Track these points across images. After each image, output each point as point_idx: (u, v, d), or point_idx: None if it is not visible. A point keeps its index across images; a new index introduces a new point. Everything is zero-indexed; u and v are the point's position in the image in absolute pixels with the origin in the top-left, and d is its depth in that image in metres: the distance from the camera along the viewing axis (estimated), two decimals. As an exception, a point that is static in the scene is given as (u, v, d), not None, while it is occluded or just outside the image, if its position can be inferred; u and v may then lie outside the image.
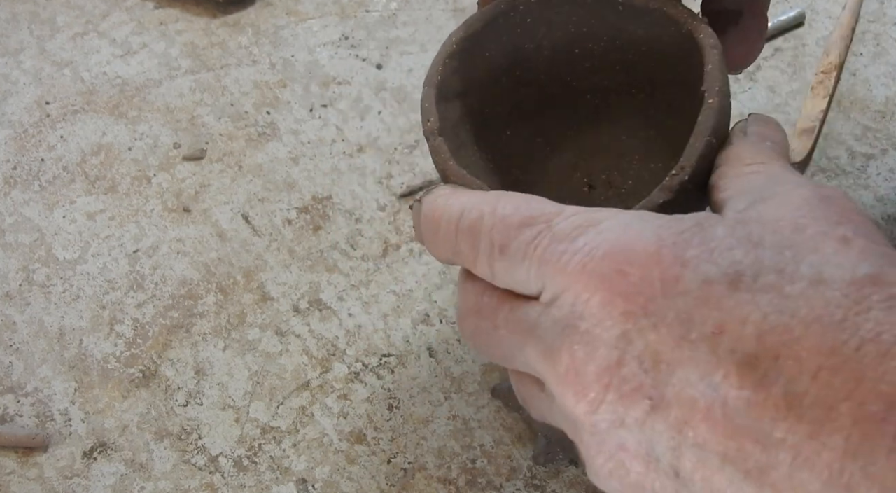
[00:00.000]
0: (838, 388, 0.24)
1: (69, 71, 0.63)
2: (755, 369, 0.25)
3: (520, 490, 0.46)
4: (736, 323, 0.26)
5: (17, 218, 0.57)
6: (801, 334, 0.25)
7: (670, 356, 0.27)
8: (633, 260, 0.28)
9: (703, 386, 0.26)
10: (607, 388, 0.28)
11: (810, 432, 0.24)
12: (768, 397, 0.25)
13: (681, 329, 0.27)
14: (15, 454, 0.48)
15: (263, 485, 0.47)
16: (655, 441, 0.27)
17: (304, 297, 0.53)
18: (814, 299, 0.25)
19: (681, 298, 0.27)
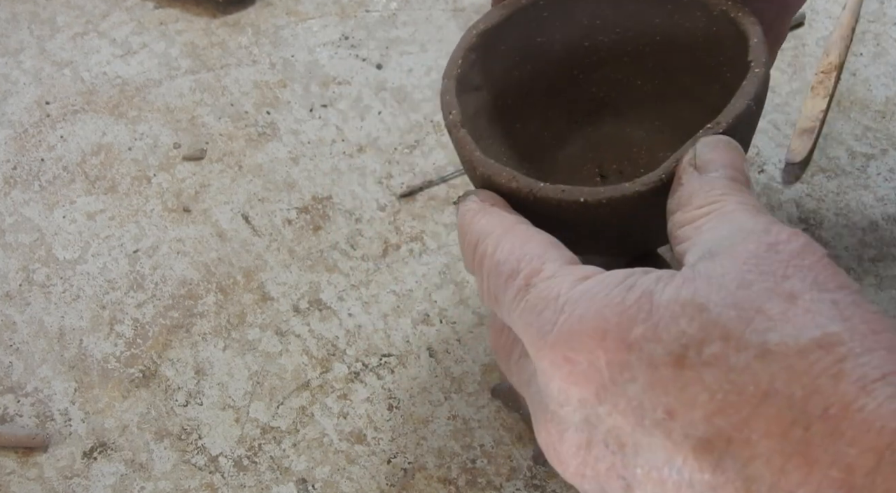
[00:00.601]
0: (792, 473, 0.24)
1: (69, 71, 0.63)
2: (711, 453, 0.25)
3: (520, 490, 0.46)
4: (685, 407, 0.26)
5: (17, 218, 0.57)
6: (749, 414, 0.25)
7: (632, 440, 0.27)
8: (578, 347, 0.28)
9: (668, 469, 0.26)
10: (584, 465, 0.29)
11: None
12: (727, 481, 0.25)
13: (634, 416, 0.27)
14: (15, 454, 0.48)
15: (263, 485, 0.47)
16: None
17: (304, 297, 0.53)
18: (760, 374, 0.25)
19: (629, 384, 0.27)
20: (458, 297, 0.52)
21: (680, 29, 0.39)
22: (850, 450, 0.24)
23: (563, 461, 0.29)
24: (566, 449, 0.29)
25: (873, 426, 0.24)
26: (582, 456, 0.29)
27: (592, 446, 0.28)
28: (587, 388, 0.28)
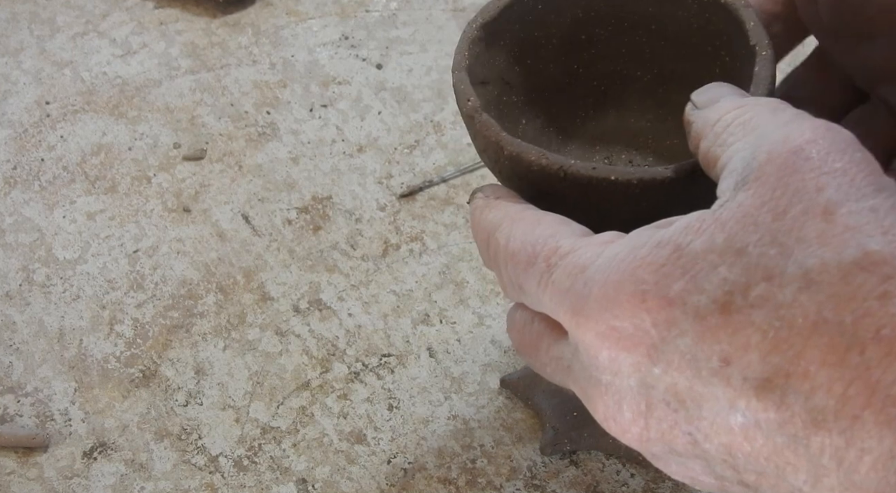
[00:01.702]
0: (855, 398, 0.24)
1: (69, 71, 0.63)
2: (772, 391, 0.25)
3: (520, 490, 0.46)
4: (739, 351, 0.26)
5: (17, 218, 0.57)
6: (803, 346, 0.25)
7: (691, 394, 0.27)
8: (620, 314, 0.28)
9: (733, 415, 0.26)
10: (647, 429, 0.28)
11: (846, 441, 0.24)
12: (793, 415, 0.25)
13: (690, 369, 0.27)
14: (15, 454, 0.48)
15: (263, 485, 0.47)
16: (711, 461, 0.28)
17: (304, 297, 0.53)
18: (807, 306, 0.25)
19: (680, 339, 0.27)
20: (458, 297, 0.52)
21: (673, 18, 0.40)
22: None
23: (626, 429, 0.29)
24: (627, 417, 0.28)
25: None
26: (644, 420, 0.28)
27: (653, 408, 0.28)
28: (638, 351, 0.27)
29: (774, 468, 0.26)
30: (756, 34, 0.36)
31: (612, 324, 0.28)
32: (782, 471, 0.26)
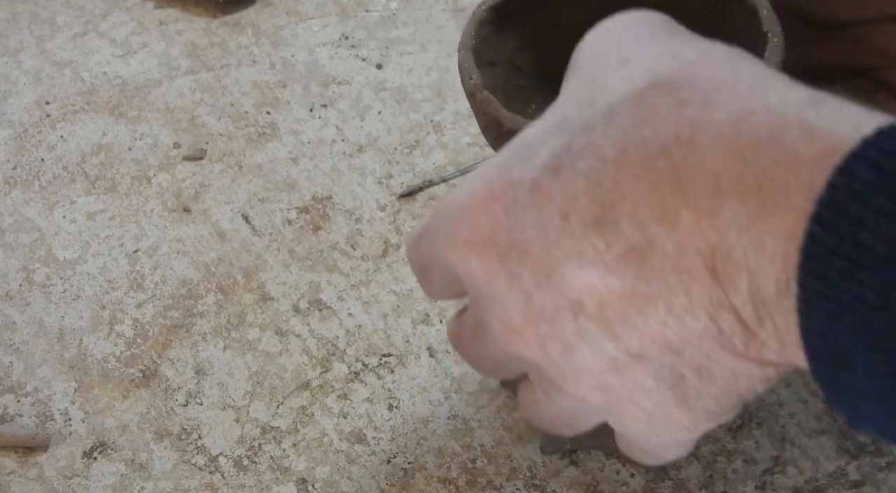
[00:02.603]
0: (671, 200, 0.26)
1: (69, 71, 0.63)
2: (605, 226, 0.27)
3: (520, 490, 0.46)
4: (571, 201, 0.27)
5: (17, 218, 0.57)
6: (617, 172, 0.26)
7: (551, 264, 0.28)
8: (475, 215, 0.29)
9: (587, 267, 0.27)
10: (537, 326, 0.29)
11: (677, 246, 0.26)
12: (630, 240, 0.26)
13: (541, 238, 0.28)
14: (15, 454, 0.48)
15: (263, 485, 0.47)
16: (600, 341, 0.29)
17: (304, 297, 0.53)
18: (613, 135, 0.27)
19: (525, 214, 0.28)
20: (458, 297, 0.52)
21: (686, 5, 0.40)
22: (712, 161, 0.25)
23: (525, 335, 0.30)
24: (518, 321, 0.29)
25: (725, 131, 0.25)
26: (531, 317, 0.29)
27: (531, 299, 0.29)
28: (498, 243, 0.29)
29: (638, 312, 0.27)
30: (769, 21, 0.37)
31: (472, 227, 0.29)
32: (643, 312, 0.27)
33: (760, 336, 0.26)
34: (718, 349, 0.27)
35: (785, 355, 0.26)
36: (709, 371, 0.28)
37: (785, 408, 0.47)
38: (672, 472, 0.46)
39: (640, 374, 0.29)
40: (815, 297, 0.23)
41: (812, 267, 0.23)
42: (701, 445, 0.47)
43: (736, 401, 0.29)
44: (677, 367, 0.28)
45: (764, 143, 0.24)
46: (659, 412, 0.30)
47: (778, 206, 0.24)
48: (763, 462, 0.46)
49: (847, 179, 0.23)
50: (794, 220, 0.24)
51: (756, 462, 0.46)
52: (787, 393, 0.48)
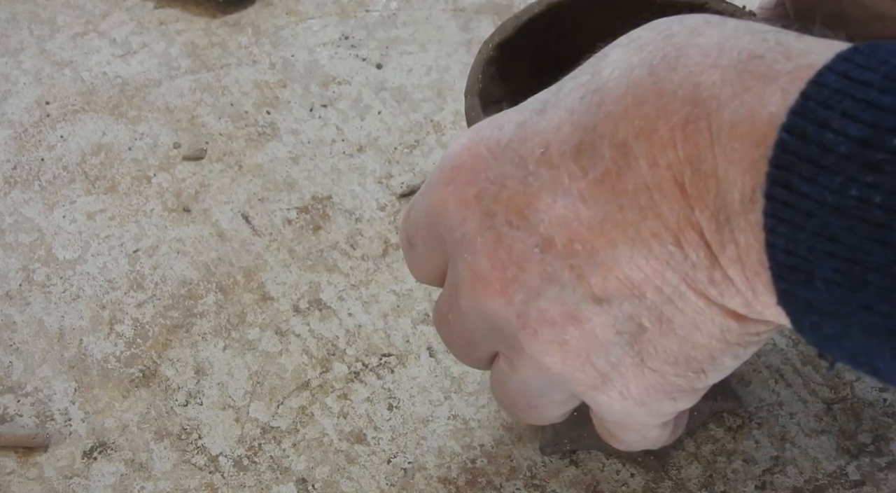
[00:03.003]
0: (647, 117, 0.27)
1: (69, 71, 0.63)
2: (585, 151, 0.28)
3: (520, 490, 0.46)
4: (553, 131, 0.28)
5: (17, 218, 0.57)
6: (602, 98, 0.28)
7: (526, 198, 0.29)
8: (460, 156, 0.30)
9: (562, 196, 0.28)
10: (504, 271, 0.29)
11: (649, 165, 0.27)
12: (605, 161, 0.27)
13: (520, 171, 0.29)
14: (15, 454, 0.48)
15: (263, 485, 0.47)
16: (564, 285, 0.29)
17: (304, 297, 0.53)
18: (601, 70, 0.28)
19: (507, 150, 0.29)
20: (458, 297, 0.52)
21: None
22: (693, 75, 0.26)
23: (489, 281, 0.30)
24: (485, 266, 0.30)
25: (709, 51, 0.26)
26: (498, 261, 0.29)
27: (501, 239, 0.29)
28: (477, 178, 0.30)
29: (606, 244, 0.27)
30: None
31: (455, 167, 0.30)
32: (611, 243, 0.27)
33: (722, 263, 0.26)
34: (682, 286, 0.27)
35: (746, 296, 0.26)
36: (669, 320, 0.28)
37: (785, 408, 0.47)
38: (672, 472, 0.46)
39: (600, 324, 0.29)
40: (780, 207, 0.24)
41: (779, 175, 0.24)
42: (701, 445, 0.47)
43: (694, 368, 0.29)
44: (638, 315, 0.28)
45: (744, 58, 0.25)
46: (614, 376, 0.30)
47: (752, 114, 0.25)
48: (763, 462, 0.46)
49: (818, 88, 0.24)
50: (766, 128, 0.24)
51: (756, 462, 0.46)
52: (787, 393, 0.48)
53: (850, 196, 0.23)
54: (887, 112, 0.23)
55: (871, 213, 0.23)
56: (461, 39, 0.63)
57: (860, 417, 0.47)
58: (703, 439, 0.47)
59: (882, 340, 0.24)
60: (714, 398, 0.46)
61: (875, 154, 0.22)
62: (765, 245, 0.25)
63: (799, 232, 0.24)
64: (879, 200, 0.22)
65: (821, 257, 0.23)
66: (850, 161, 0.23)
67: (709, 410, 0.46)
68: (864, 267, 0.23)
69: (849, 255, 0.23)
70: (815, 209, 0.23)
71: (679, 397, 0.31)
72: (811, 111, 0.24)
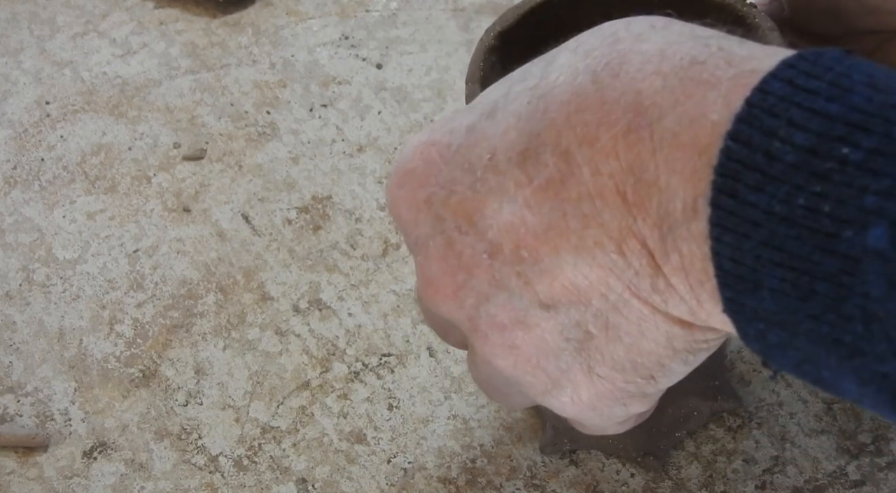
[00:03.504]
0: (590, 125, 0.26)
1: (69, 71, 0.63)
2: (529, 158, 0.28)
3: (520, 490, 0.46)
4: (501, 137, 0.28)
5: (17, 218, 0.57)
6: (547, 104, 0.28)
7: (474, 204, 0.29)
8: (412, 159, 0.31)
9: (508, 204, 0.28)
10: (454, 276, 0.30)
11: (592, 171, 0.27)
12: (549, 168, 0.27)
13: (468, 176, 0.29)
14: (15, 454, 0.48)
15: (263, 485, 0.47)
16: (512, 290, 0.29)
17: (304, 297, 0.53)
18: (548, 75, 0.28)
19: (457, 155, 0.29)
20: (458, 297, 0.52)
21: None
22: (634, 82, 0.26)
23: (440, 287, 0.30)
24: (436, 271, 0.30)
25: (651, 58, 0.26)
26: (447, 264, 0.30)
27: (451, 244, 0.29)
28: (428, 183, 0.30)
29: (551, 251, 0.27)
30: (772, 40, 0.36)
31: (407, 171, 0.30)
32: (556, 250, 0.27)
33: (666, 272, 0.26)
34: (626, 293, 0.27)
35: (690, 304, 0.26)
36: (615, 327, 0.28)
37: (785, 408, 0.47)
38: (672, 472, 0.46)
39: (549, 330, 0.29)
40: (725, 216, 0.24)
41: (724, 184, 0.24)
42: (701, 445, 0.47)
43: (643, 374, 0.29)
44: (584, 322, 0.28)
45: (686, 64, 0.25)
46: (564, 382, 0.30)
47: (693, 123, 0.24)
48: (763, 462, 0.46)
49: (763, 96, 0.24)
50: (709, 137, 0.24)
51: (756, 462, 0.46)
52: (787, 393, 0.48)
53: (798, 205, 0.23)
54: (834, 121, 0.23)
55: (818, 222, 0.22)
56: (461, 39, 0.63)
57: (860, 417, 0.47)
58: (703, 439, 0.47)
59: (828, 349, 0.23)
60: (714, 399, 0.46)
61: (823, 163, 0.22)
62: (711, 253, 0.25)
63: (745, 241, 0.24)
64: (828, 209, 0.22)
65: (768, 266, 0.23)
66: (797, 170, 0.23)
67: (709, 410, 0.46)
68: (812, 277, 0.23)
69: (796, 264, 0.23)
70: (762, 219, 0.23)
71: (630, 403, 0.31)
72: (756, 119, 0.23)
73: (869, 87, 0.23)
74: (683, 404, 0.45)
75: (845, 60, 0.24)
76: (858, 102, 0.23)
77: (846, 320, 0.23)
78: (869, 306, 0.22)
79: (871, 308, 0.22)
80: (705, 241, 0.24)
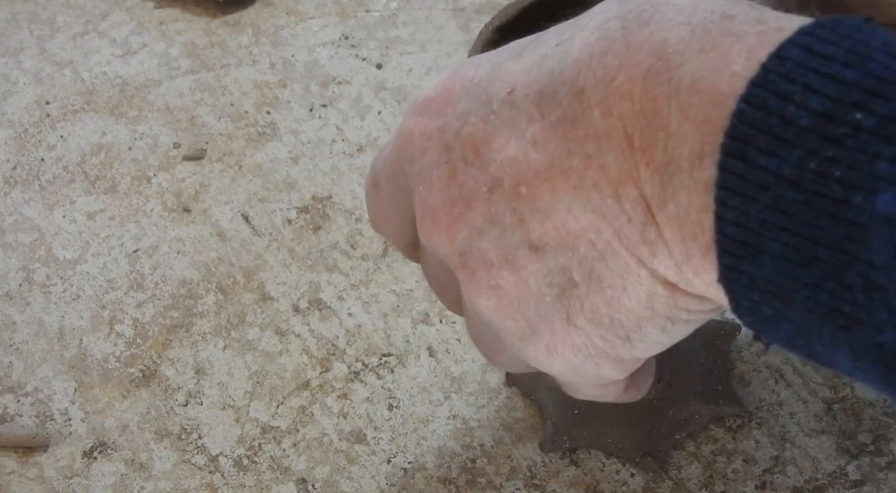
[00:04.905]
0: (611, 68, 0.26)
1: (69, 71, 0.63)
2: (546, 97, 0.28)
3: (520, 490, 0.46)
4: (523, 74, 0.28)
5: (17, 218, 0.57)
6: (572, 46, 0.28)
7: (484, 136, 0.29)
8: (434, 90, 0.31)
9: (515, 140, 0.28)
10: (452, 207, 0.30)
11: (603, 116, 0.27)
12: (561, 106, 0.27)
13: (483, 108, 0.29)
14: (15, 454, 0.48)
15: (263, 485, 0.47)
16: (505, 227, 0.29)
17: (304, 297, 0.53)
18: (581, 22, 0.28)
19: (478, 88, 0.29)
20: (458, 297, 0.52)
21: None
22: (663, 30, 0.26)
23: (437, 218, 0.30)
24: (436, 201, 0.30)
25: (683, 9, 0.26)
26: (448, 193, 0.29)
27: (455, 174, 0.29)
28: (444, 113, 0.30)
29: (549, 190, 0.27)
30: None
31: (427, 99, 0.30)
32: (555, 189, 0.27)
33: (658, 221, 0.26)
34: (614, 242, 0.27)
35: (677, 259, 0.26)
36: (598, 278, 0.28)
37: (785, 408, 0.47)
38: (672, 472, 0.46)
39: (534, 273, 0.29)
40: (733, 179, 0.24)
41: (734, 147, 0.24)
42: (701, 445, 0.47)
43: (619, 334, 0.29)
44: (569, 268, 0.28)
45: (716, 18, 0.25)
46: (542, 329, 0.30)
47: (715, 71, 0.24)
48: (763, 462, 0.46)
49: (780, 61, 0.24)
50: (727, 88, 0.24)
51: (756, 462, 0.46)
52: (787, 393, 0.48)
53: (809, 170, 0.23)
54: (850, 86, 0.22)
55: (828, 187, 0.22)
56: (461, 39, 0.63)
57: (860, 417, 0.47)
58: (703, 439, 0.47)
59: (824, 320, 0.23)
60: (716, 403, 0.46)
61: (836, 128, 0.22)
62: (714, 218, 0.24)
63: (752, 205, 0.24)
64: (838, 174, 0.22)
65: (772, 230, 0.23)
66: (810, 134, 0.23)
67: (710, 414, 0.46)
68: (815, 243, 0.23)
69: (801, 229, 0.23)
70: (771, 182, 0.23)
71: (602, 363, 0.30)
72: (772, 83, 0.23)
73: (887, 54, 0.23)
74: (684, 406, 0.45)
75: (864, 28, 0.24)
76: (875, 68, 0.22)
77: (847, 288, 0.22)
78: (871, 274, 0.22)
79: (873, 276, 0.22)
80: (707, 191, 0.24)
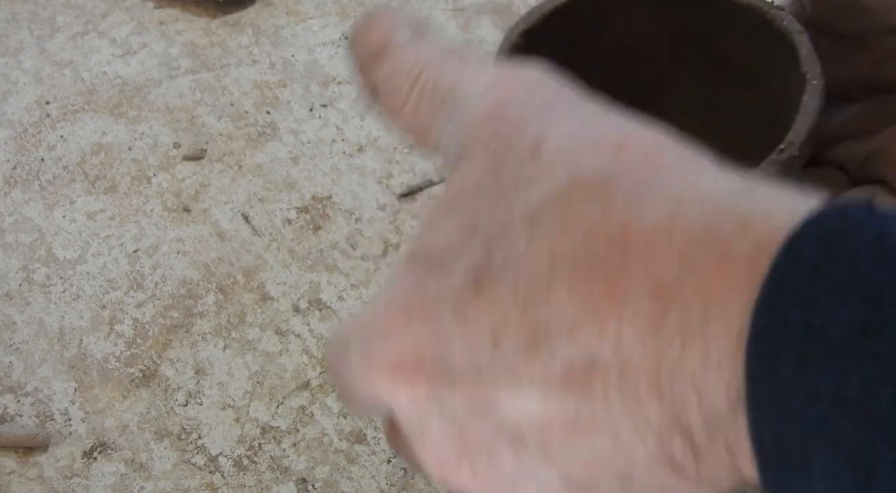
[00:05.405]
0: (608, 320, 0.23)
1: (69, 71, 0.63)
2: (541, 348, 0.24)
3: (520, 490, 0.46)
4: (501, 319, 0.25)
5: (17, 218, 0.57)
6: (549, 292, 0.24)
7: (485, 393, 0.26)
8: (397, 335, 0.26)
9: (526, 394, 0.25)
10: (472, 459, 0.27)
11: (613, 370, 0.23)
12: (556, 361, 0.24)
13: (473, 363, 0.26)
14: (15, 454, 0.48)
15: (263, 485, 0.47)
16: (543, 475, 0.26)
17: (304, 297, 0.53)
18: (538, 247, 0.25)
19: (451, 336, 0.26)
20: (458, 297, 0.52)
21: (720, 36, 0.39)
22: (647, 268, 0.23)
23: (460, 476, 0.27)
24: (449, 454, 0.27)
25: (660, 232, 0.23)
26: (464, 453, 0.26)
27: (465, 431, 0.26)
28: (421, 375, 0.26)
29: (582, 440, 0.25)
30: (809, 62, 0.35)
31: (395, 350, 0.26)
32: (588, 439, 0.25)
33: (712, 456, 0.24)
34: (669, 473, 0.25)
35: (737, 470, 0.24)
36: None
37: None
38: (672, 472, 0.46)
39: None
40: (765, 402, 0.22)
41: (760, 368, 0.22)
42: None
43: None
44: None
45: (699, 240, 0.23)
46: None
47: (720, 307, 0.22)
48: (763, 462, 0.46)
49: (792, 262, 0.21)
50: (737, 318, 0.22)
51: (756, 462, 0.46)
52: None
53: (850, 388, 0.20)
54: (881, 289, 0.20)
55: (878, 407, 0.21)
56: (461, 39, 0.63)
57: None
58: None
59: None
60: None
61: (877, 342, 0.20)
62: (752, 440, 0.22)
63: (791, 425, 0.22)
64: None
65: (822, 448, 0.21)
66: (844, 348, 0.21)
67: None
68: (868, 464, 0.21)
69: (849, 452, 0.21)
70: (811, 401, 0.21)
71: None
72: (786, 292, 0.21)
73: None
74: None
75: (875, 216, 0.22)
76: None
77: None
78: None
79: None
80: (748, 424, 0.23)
